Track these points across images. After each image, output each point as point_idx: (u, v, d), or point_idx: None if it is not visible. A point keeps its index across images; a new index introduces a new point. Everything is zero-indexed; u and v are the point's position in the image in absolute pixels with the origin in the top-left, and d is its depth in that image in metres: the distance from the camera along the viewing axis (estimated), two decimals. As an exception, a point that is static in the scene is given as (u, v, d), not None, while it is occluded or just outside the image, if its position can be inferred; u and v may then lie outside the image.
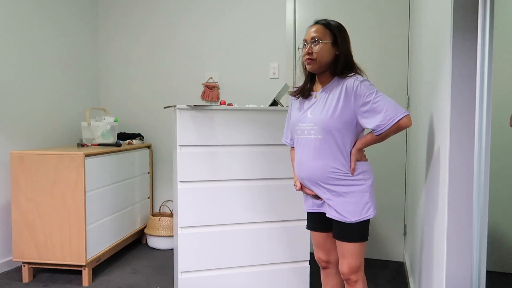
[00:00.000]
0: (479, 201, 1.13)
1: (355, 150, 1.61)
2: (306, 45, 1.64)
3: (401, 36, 2.97)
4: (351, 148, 1.61)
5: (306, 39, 1.64)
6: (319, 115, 1.61)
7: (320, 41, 1.61)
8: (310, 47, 1.62)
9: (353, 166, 1.60)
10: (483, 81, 1.11)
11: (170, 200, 3.56)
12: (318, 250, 1.81)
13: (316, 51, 1.61)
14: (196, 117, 2.13)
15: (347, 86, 1.58)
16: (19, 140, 2.92)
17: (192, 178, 2.15)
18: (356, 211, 1.59)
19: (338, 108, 1.58)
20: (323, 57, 1.61)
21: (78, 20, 3.49)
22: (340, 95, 1.59)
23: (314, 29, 1.63)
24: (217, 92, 3.42)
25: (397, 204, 3.04)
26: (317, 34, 1.62)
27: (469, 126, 1.19)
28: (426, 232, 1.75)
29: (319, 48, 1.61)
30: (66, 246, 2.54)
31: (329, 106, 1.60)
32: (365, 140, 1.62)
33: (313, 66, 1.63)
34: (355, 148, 1.61)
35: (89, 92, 3.64)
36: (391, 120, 1.51)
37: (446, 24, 1.31)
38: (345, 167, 1.60)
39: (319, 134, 1.61)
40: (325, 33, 1.62)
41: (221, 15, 3.40)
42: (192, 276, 2.19)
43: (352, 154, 1.61)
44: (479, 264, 1.13)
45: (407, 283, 2.57)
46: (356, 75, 1.60)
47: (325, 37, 1.62)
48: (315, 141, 1.62)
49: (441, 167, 1.36)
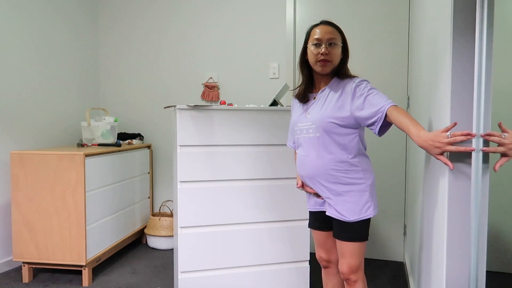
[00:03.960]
0: (479, 201, 1.13)
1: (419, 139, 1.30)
2: (319, 45, 1.61)
3: (401, 37, 2.97)
4: (351, 147, 1.61)
5: (321, 39, 1.60)
6: (317, 113, 1.62)
7: (337, 44, 1.61)
8: (327, 48, 1.60)
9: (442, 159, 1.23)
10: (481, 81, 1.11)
11: (170, 200, 3.56)
12: (319, 249, 1.82)
13: (334, 54, 1.61)
14: (196, 117, 2.13)
15: (347, 87, 1.60)
16: (19, 140, 2.92)
17: (192, 178, 2.15)
18: (355, 210, 1.59)
19: (336, 106, 1.59)
20: (336, 60, 1.63)
21: (78, 20, 3.49)
22: (340, 95, 1.60)
23: (329, 30, 1.61)
24: (217, 92, 3.42)
25: (397, 204, 3.04)
26: (333, 35, 1.61)
27: (468, 127, 1.19)
28: (426, 232, 1.75)
29: (336, 51, 1.61)
30: (66, 246, 2.54)
31: (327, 105, 1.61)
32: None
33: (327, 68, 1.62)
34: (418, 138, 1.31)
35: (89, 92, 3.64)
36: (384, 107, 1.46)
37: (446, 25, 1.31)
38: (345, 166, 1.60)
39: (317, 132, 1.61)
40: (338, 36, 1.63)
41: (221, 15, 3.40)
42: (192, 276, 2.19)
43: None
44: (479, 264, 1.14)
45: (407, 283, 2.57)
46: (355, 77, 1.62)
47: (339, 40, 1.63)
48: (314, 139, 1.63)
49: (441, 167, 1.36)
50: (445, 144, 1.18)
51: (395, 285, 2.58)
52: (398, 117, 1.41)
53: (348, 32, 3.19)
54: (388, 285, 2.59)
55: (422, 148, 1.29)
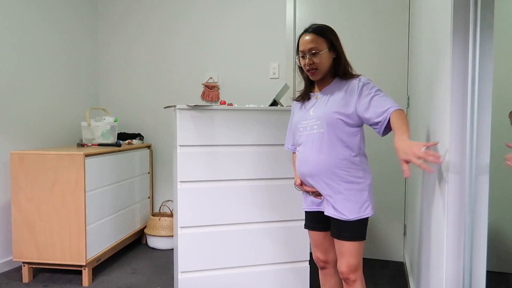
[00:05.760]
0: (479, 201, 1.13)
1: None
2: (304, 56, 1.65)
3: (401, 36, 2.96)
4: (353, 145, 1.61)
5: (303, 50, 1.65)
6: (323, 109, 1.64)
7: (319, 51, 1.62)
8: (310, 58, 1.63)
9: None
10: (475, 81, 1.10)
11: (170, 200, 3.56)
12: (316, 250, 1.82)
13: (317, 61, 1.63)
14: (196, 117, 2.13)
15: (352, 86, 1.62)
16: (19, 140, 2.92)
17: (192, 178, 2.15)
18: (355, 209, 1.59)
19: (341, 104, 1.60)
20: (324, 65, 1.65)
21: (78, 20, 3.49)
22: (345, 94, 1.62)
23: (309, 39, 1.63)
24: (217, 92, 3.42)
25: (397, 204, 3.04)
26: (314, 44, 1.62)
27: (469, 126, 1.19)
28: (425, 232, 1.75)
29: (319, 58, 1.63)
30: (66, 246, 2.54)
31: (333, 102, 1.63)
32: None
33: (317, 76, 1.67)
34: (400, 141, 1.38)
35: (89, 92, 3.64)
36: (390, 109, 1.51)
37: (445, 24, 1.31)
38: (347, 164, 1.60)
39: (321, 128, 1.62)
40: (320, 42, 1.63)
41: (221, 15, 3.40)
42: (192, 276, 2.19)
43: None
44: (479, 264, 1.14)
45: (407, 283, 2.57)
46: (360, 76, 1.64)
47: (322, 46, 1.63)
48: (318, 135, 1.63)
49: (441, 168, 1.36)
50: (415, 155, 1.25)
51: (395, 285, 2.58)
52: (395, 119, 1.47)
53: (348, 32, 3.18)
54: (388, 285, 2.59)
55: (395, 148, 1.36)
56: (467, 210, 1.17)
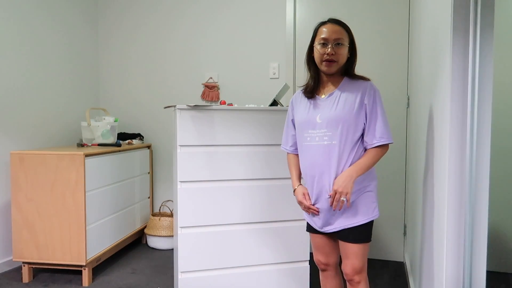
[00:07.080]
0: (479, 201, 1.13)
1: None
2: (326, 44, 1.57)
3: (401, 36, 2.96)
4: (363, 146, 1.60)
5: (327, 39, 1.57)
6: (334, 111, 1.57)
7: (343, 44, 1.58)
8: (333, 48, 1.56)
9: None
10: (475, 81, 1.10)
11: (170, 200, 3.56)
12: (318, 253, 1.79)
13: (340, 54, 1.58)
14: (196, 117, 2.13)
15: (366, 89, 1.58)
16: (19, 140, 2.92)
17: (192, 178, 2.15)
18: (367, 212, 1.60)
19: (356, 106, 1.56)
20: (343, 60, 1.60)
21: (78, 20, 3.49)
22: (357, 96, 1.57)
23: (336, 29, 1.58)
24: (217, 92, 3.42)
25: (397, 204, 3.04)
26: (340, 35, 1.57)
27: (469, 126, 1.19)
28: (426, 232, 1.75)
29: (342, 51, 1.58)
30: (66, 246, 2.54)
31: (344, 103, 1.57)
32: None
33: (333, 68, 1.59)
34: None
35: (89, 92, 3.64)
36: (383, 140, 1.57)
37: (446, 24, 1.31)
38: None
39: (333, 140, 1.56)
40: (345, 35, 1.59)
41: (221, 15, 3.40)
42: (192, 276, 2.19)
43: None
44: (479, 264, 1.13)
45: (407, 283, 2.57)
46: (370, 81, 1.61)
47: (346, 40, 1.59)
48: (330, 147, 1.56)
49: (441, 167, 1.36)
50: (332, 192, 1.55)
51: (395, 285, 2.58)
52: (368, 153, 1.58)
53: (348, 32, 3.16)
54: (388, 285, 2.59)
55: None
56: (467, 210, 1.17)
